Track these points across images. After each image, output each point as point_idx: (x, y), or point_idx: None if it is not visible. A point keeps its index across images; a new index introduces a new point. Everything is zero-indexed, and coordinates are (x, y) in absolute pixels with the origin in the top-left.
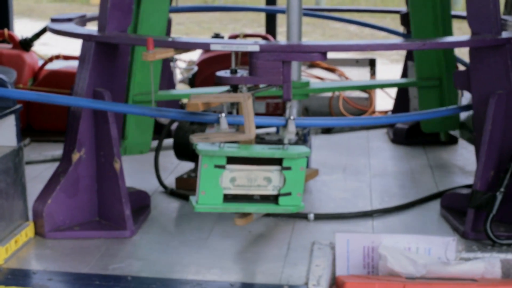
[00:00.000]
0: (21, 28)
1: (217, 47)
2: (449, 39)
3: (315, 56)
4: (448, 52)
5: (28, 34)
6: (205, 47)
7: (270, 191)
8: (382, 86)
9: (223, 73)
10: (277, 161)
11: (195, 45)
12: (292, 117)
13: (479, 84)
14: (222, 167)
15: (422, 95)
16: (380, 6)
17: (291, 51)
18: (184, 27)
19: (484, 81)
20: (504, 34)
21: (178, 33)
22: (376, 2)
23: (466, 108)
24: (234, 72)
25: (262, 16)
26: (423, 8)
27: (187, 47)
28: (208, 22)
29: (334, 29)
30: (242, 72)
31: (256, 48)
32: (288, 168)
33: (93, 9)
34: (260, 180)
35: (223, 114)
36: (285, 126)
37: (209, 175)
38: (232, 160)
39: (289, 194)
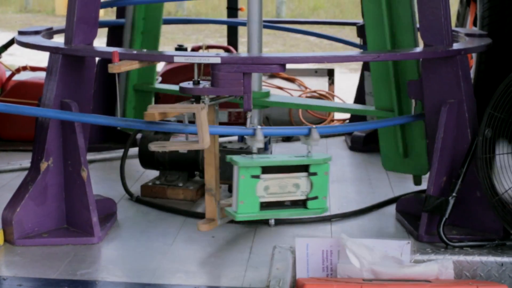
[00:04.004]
0: None
1: (181, 59)
2: (402, 51)
3: (274, 67)
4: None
5: None
6: (169, 59)
7: (298, 196)
8: (341, 110)
9: (186, 84)
10: (303, 168)
11: (159, 58)
12: (259, 126)
13: (432, 94)
14: (257, 177)
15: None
16: (339, 17)
17: (251, 63)
18: None
19: (436, 91)
20: (455, 46)
21: None
22: (335, 14)
23: (419, 116)
24: (196, 83)
25: (224, 27)
26: (376, 22)
27: (152, 59)
28: (171, 32)
29: (295, 39)
30: (205, 83)
31: (217, 60)
32: (314, 174)
33: (59, 20)
34: (290, 186)
35: (259, 127)
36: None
37: (246, 185)
38: (264, 170)
39: (316, 198)
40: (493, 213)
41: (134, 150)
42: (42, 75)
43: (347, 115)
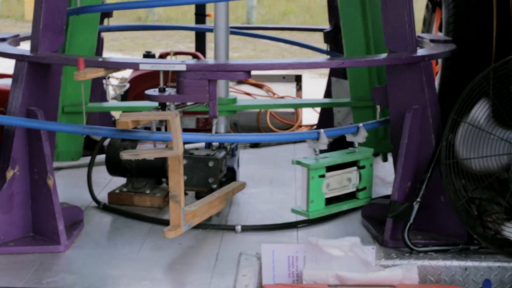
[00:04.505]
0: None
1: (146, 66)
2: (367, 57)
3: (239, 74)
4: (382, 73)
5: None
6: (134, 67)
7: (350, 189)
8: (311, 105)
9: (152, 92)
10: (354, 163)
11: (125, 65)
12: (322, 130)
13: (396, 100)
14: (323, 176)
15: (356, 115)
16: (309, 22)
17: (216, 70)
18: (118, 43)
19: (401, 97)
20: (419, 52)
21: (113, 49)
22: (305, 19)
23: (384, 122)
24: (162, 90)
25: (194, 32)
26: (354, 29)
27: (117, 67)
28: (141, 38)
29: (265, 44)
30: (170, 91)
31: (183, 68)
32: (363, 167)
33: (28, 25)
34: (345, 181)
35: (323, 130)
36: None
37: (315, 185)
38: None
39: (364, 188)
40: (457, 218)
41: (101, 157)
42: (8, 82)
43: (314, 121)
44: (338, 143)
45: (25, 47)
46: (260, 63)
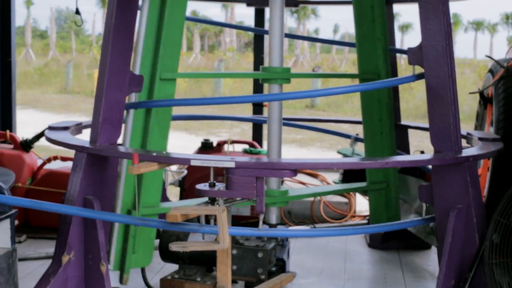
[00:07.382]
0: (27, 118)
1: (197, 163)
2: (413, 157)
3: (286, 173)
4: None
5: (29, 135)
6: (185, 162)
7: None
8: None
9: (203, 186)
10: None
11: (177, 161)
12: None
13: (441, 198)
14: None
15: (371, 197)
16: None
17: (263, 168)
18: (183, 122)
19: (446, 196)
20: (464, 152)
21: (178, 127)
22: None
23: (430, 220)
24: (212, 185)
25: None
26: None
27: (170, 162)
28: None
29: (327, 126)
30: (220, 186)
31: (232, 165)
32: None
33: None
34: None
35: None
36: None
37: None
38: None
39: None
40: None
41: (156, 242)
42: (71, 164)
43: (367, 211)
44: (391, 235)
45: (87, 135)
46: (306, 163)
